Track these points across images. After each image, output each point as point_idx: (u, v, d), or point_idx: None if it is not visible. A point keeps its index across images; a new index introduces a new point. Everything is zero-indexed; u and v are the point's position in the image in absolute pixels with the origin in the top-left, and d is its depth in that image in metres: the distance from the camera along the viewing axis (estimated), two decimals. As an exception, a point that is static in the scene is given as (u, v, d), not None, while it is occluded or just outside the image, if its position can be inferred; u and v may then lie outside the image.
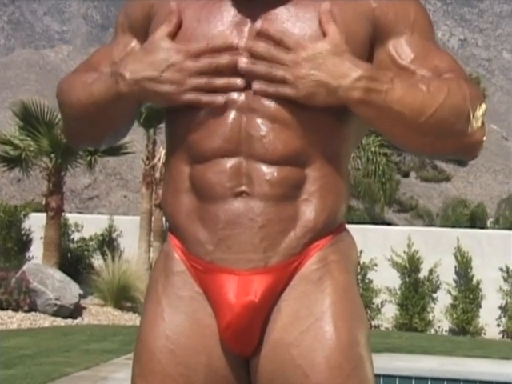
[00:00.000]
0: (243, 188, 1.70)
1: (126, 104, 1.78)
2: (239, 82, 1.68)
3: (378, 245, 14.14)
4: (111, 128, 1.88)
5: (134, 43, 1.88)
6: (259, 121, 1.70)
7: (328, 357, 1.68)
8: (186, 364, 1.73)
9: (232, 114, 1.71)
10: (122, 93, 1.74)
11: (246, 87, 1.71)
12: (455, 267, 14.28)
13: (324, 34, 1.68)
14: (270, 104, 1.70)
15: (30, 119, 14.44)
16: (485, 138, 1.76)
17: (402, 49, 1.75)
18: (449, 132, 1.70)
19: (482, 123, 1.74)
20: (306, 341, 1.69)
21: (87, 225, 15.63)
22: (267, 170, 1.70)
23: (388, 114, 1.68)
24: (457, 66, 1.78)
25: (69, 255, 15.16)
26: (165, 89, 1.69)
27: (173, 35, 1.72)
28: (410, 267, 14.25)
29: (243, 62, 1.68)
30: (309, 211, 1.72)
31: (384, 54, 1.76)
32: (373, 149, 22.48)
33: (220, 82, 1.69)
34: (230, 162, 1.71)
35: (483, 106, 1.74)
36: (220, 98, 1.69)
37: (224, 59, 1.69)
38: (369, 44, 1.75)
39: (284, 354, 1.70)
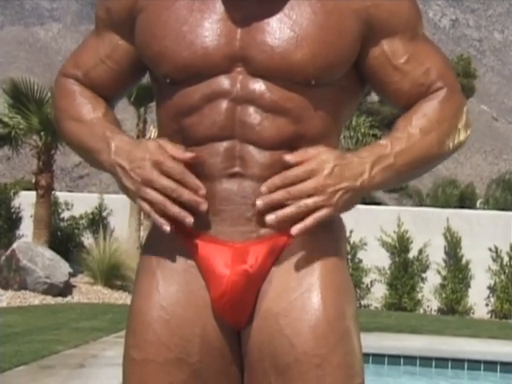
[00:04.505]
0: (237, 169, 1.74)
1: None
2: (188, 220, 1.68)
3: (368, 224, 14.16)
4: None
5: (117, 39, 1.87)
6: (253, 109, 1.73)
7: (314, 327, 1.70)
8: (181, 334, 1.75)
9: (226, 104, 1.73)
10: (104, 166, 1.80)
11: (240, 76, 1.72)
12: (445, 247, 14.33)
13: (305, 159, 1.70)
14: (264, 94, 1.72)
15: (19, 97, 14.36)
16: (469, 132, 1.86)
17: (396, 49, 1.79)
18: (450, 149, 1.82)
19: (467, 121, 1.84)
20: (294, 311, 1.72)
21: (77, 203, 15.60)
22: (260, 154, 1.73)
23: (405, 175, 1.79)
24: (445, 67, 1.83)
25: (59, 233, 15.13)
26: (127, 184, 1.75)
27: (172, 157, 1.72)
28: (399, 247, 14.29)
29: (270, 218, 1.68)
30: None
31: (378, 52, 1.79)
32: (363, 130, 22.43)
33: (174, 210, 1.70)
34: (223, 146, 1.74)
35: (464, 109, 1.83)
36: (166, 227, 1.70)
37: (185, 195, 1.70)
38: (361, 40, 1.77)
39: (273, 325, 1.72)
